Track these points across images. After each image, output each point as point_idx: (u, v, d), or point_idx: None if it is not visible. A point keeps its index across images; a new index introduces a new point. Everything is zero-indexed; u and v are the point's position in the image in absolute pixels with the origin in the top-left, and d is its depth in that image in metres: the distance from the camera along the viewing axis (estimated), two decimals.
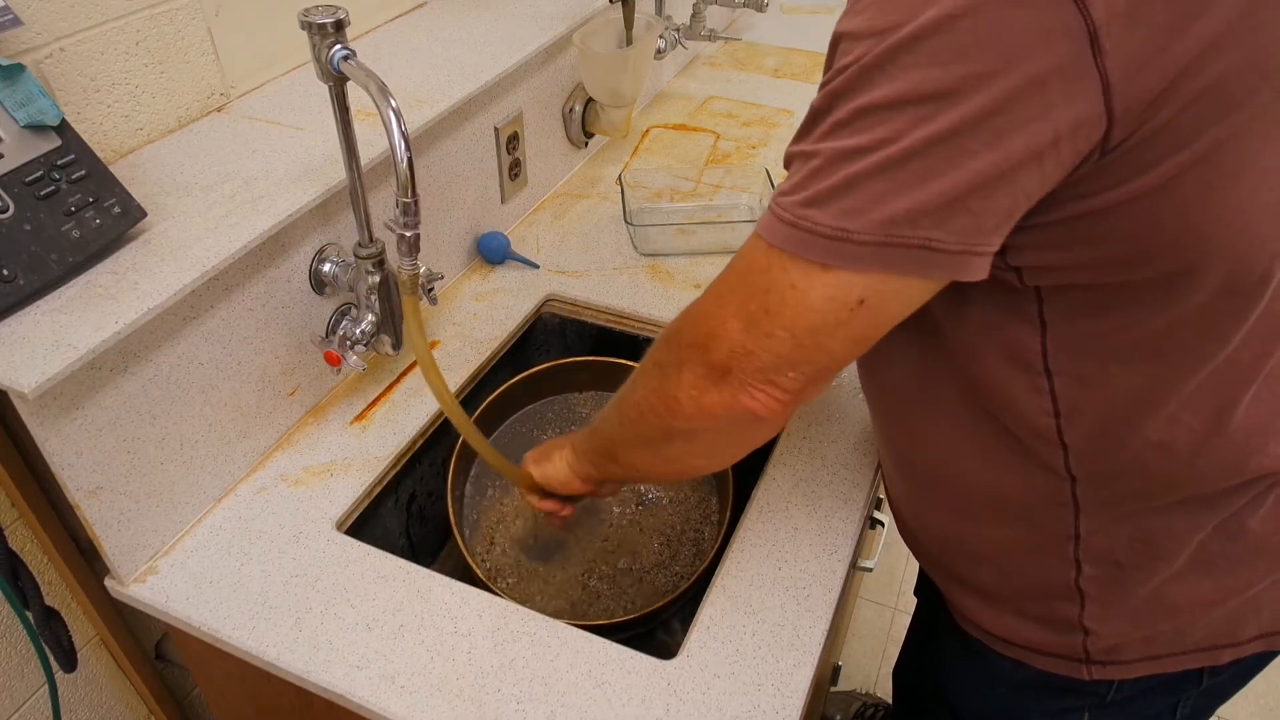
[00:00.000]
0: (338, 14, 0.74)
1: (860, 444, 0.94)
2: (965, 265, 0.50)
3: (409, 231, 0.77)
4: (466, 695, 0.72)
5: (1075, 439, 0.62)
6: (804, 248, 0.51)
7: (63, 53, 0.82)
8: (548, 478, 0.83)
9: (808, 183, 0.51)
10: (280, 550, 0.83)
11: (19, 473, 0.78)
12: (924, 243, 0.48)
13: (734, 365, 0.56)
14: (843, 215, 0.49)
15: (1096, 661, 0.71)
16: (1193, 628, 0.69)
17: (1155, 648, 0.70)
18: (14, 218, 0.71)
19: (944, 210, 0.48)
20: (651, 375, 0.65)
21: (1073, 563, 0.68)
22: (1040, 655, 0.74)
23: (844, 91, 0.49)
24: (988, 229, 0.49)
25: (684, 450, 0.67)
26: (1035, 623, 0.73)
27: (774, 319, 0.54)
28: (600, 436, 0.76)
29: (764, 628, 0.77)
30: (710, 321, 0.57)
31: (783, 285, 0.53)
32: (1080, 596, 0.69)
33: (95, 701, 0.95)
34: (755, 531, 0.85)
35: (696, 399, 0.59)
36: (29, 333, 0.69)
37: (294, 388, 0.94)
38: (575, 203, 1.35)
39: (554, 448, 0.83)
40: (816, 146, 0.51)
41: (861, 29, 0.49)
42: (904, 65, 0.46)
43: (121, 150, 0.90)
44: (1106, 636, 0.70)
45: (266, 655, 0.75)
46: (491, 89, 1.11)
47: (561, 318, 1.17)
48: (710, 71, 1.75)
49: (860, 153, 0.48)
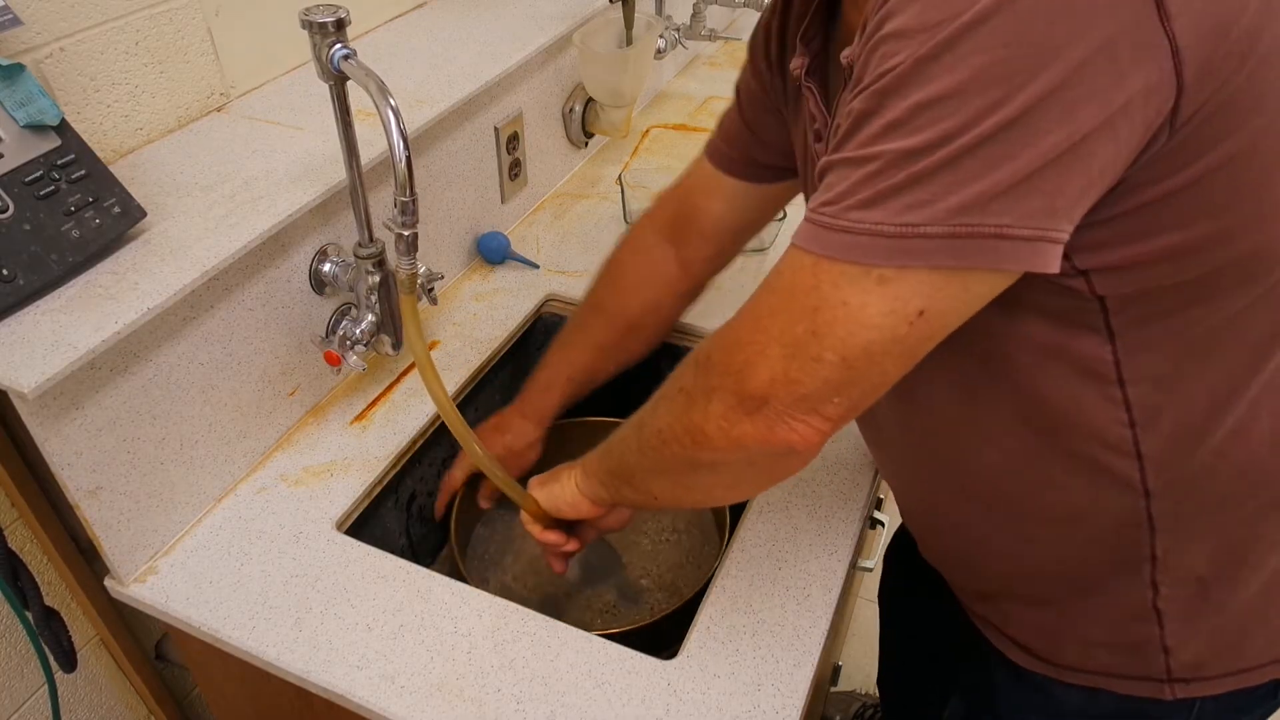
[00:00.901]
0: (338, 13, 0.74)
1: (860, 444, 0.94)
2: (1038, 254, 0.47)
3: (407, 231, 0.77)
4: (466, 695, 0.72)
5: (1152, 447, 0.59)
6: (865, 253, 0.47)
7: (63, 53, 0.82)
8: (554, 500, 0.79)
9: (862, 188, 0.47)
10: (280, 550, 0.83)
11: (19, 473, 0.78)
12: (996, 230, 0.45)
13: (772, 395, 0.53)
14: (906, 210, 0.46)
15: (1179, 679, 0.67)
16: (1278, 635, 0.66)
17: (1243, 660, 0.67)
18: (14, 218, 0.71)
19: (1017, 191, 0.45)
20: (676, 402, 0.61)
21: (1149, 585, 0.64)
22: (1117, 679, 0.69)
23: (896, 89, 0.46)
24: (1061, 210, 0.46)
25: (708, 482, 0.63)
26: (1109, 648, 0.68)
27: (822, 341, 0.50)
28: (615, 459, 0.72)
29: (764, 628, 0.77)
30: (747, 349, 0.54)
31: (833, 302, 0.49)
32: (1159, 616, 0.65)
33: (95, 701, 0.95)
34: (755, 531, 0.85)
35: (726, 430, 0.56)
36: (29, 333, 0.69)
37: (294, 388, 0.94)
38: (575, 203, 1.35)
39: (562, 469, 0.80)
40: (869, 150, 0.47)
41: (910, 26, 0.46)
42: (963, 53, 0.44)
43: (121, 150, 0.90)
44: (1190, 652, 0.66)
45: (266, 655, 0.75)
46: (491, 89, 1.11)
47: (562, 318, 1.17)
48: (710, 71, 1.75)
49: (924, 150, 0.45)
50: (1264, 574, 0.64)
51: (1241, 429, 0.59)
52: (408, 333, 0.81)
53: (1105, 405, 0.58)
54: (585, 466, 0.77)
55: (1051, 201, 0.46)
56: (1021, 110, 0.44)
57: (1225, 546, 0.63)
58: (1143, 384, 0.57)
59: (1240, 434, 0.59)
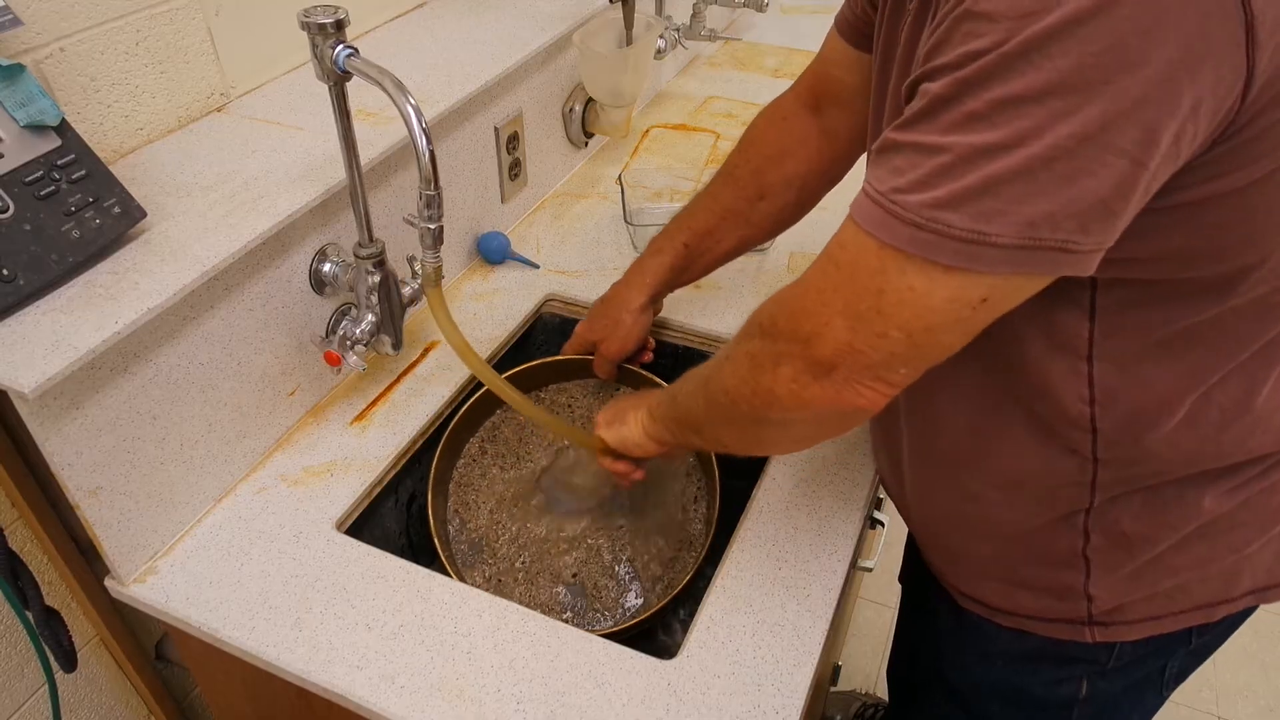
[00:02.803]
0: (338, 13, 0.75)
1: (861, 444, 0.94)
2: (1090, 262, 0.48)
3: (433, 224, 0.77)
4: (466, 695, 0.72)
5: (1108, 425, 0.62)
6: (932, 250, 0.48)
7: (63, 53, 0.82)
8: (623, 440, 0.81)
9: (935, 181, 0.47)
10: (280, 550, 0.83)
11: (19, 473, 0.78)
12: (1062, 245, 0.46)
13: (840, 363, 0.55)
14: (979, 218, 0.46)
15: (1099, 623, 0.72)
16: (1191, 586, 0.70)
17: (1156, 607, 0.71)
18: (14, 218, 0.71)
19: (1089, 213, 0.45)
20: (742, 365, 0.63)
21: (1081, 533, 0.68)
22: (1042, 622, 0.74)
23: (979, 80, 0.45)
24: (1120, 226, 0.47)
25: (776, 434, 0.66)
26: (1038, 592, 0.73)
27: (888, 320, 0.52)
28: (682, 409, 0.74)
29: (764, 628, 0.77)
30: (813, 319, 0.55)
31: (899, 287, 0.50)
32: (1086, 564, 0.70)
33: (95, 701, 0.95)
34: (755, 531, 0.85)
35: (797, 393, 0.58)
36: (29, 333, 0.69)
37: (294, 388, 0.94)
38: (575, 203, 1.35)
39: (628, 408, 0.82)
40: (944, 139, 0.47)
41: (1000, 9, 0.44)
42: (1052, 54, 0.43)
43: (121, 150, 0.90)
44: (1109, 599, 0.71)
45: (266, 655, 0.75)
46: (491, 89, 1.11)
47: (562, 318, 1.17)
48: (710, 71, 1.75)
49: (999, 150, 0.45)
50: (1183, 533, 0.68)
51: (1192, 419, 0.61)
52: (441, 324, 0.81)
53: (1070, 379, 0.61)
54: (652, 411, 0.79)
55: (1117, 221, 0.47)
56: (1099, 124, 0.43)
57: (1151, 508, 0.66)
58: (1108, 364, 0.59)
59: (1191, 423, 0.62)
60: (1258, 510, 0.68)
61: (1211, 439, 0.63)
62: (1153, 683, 0.78)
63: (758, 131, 0.92)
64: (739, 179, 0.92)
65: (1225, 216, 0.51)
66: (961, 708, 0.88)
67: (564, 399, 1.09)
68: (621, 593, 0.95)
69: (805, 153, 0.89)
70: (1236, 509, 0.67)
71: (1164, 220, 0.51)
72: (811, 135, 0.89)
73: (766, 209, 0.91)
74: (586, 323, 1.02)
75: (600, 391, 1.08)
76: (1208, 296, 0.56)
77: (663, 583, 0.95)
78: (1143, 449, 0.63)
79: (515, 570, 0.96)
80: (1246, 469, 0.66)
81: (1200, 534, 0.68)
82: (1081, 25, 0.42)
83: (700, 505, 1.00)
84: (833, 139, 0.89)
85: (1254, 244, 0.53)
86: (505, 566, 0.96)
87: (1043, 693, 0.79)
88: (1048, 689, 0.79)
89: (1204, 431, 0.62)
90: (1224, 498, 0.67)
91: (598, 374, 1.03)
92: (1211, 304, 0.56)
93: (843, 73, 0.85)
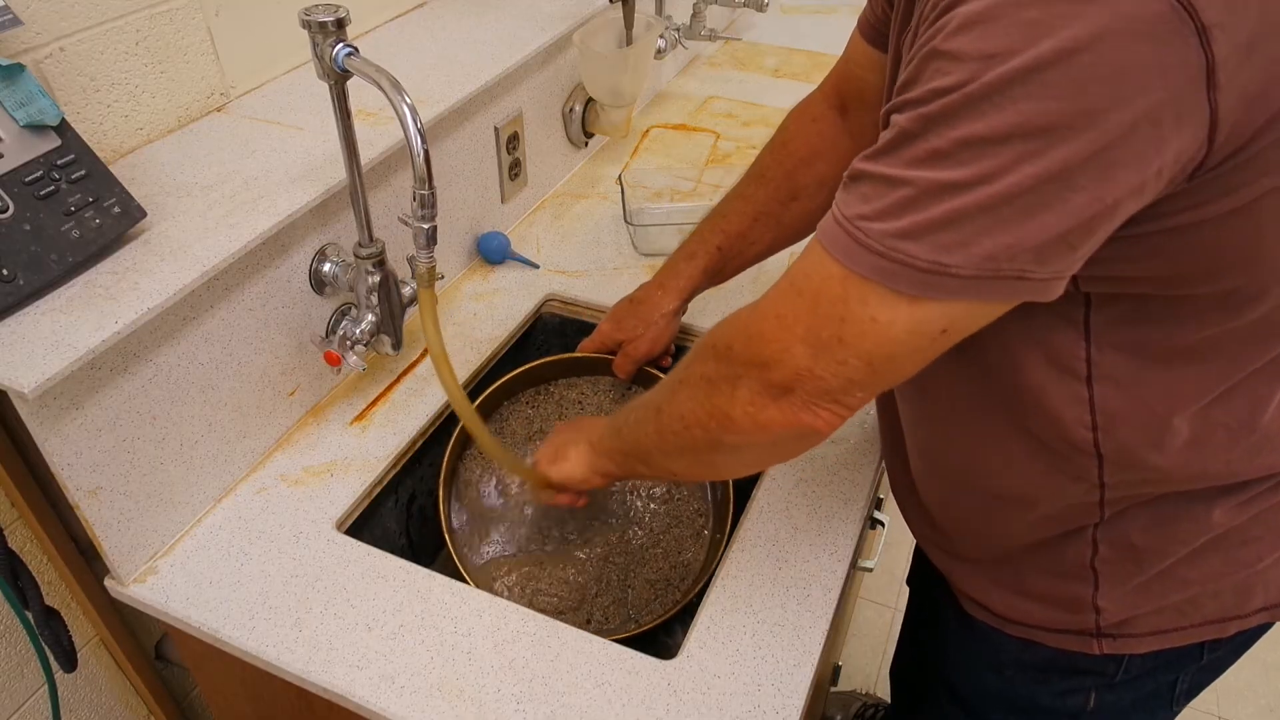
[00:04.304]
0: (339, 12, 0.74)
1: (860, 444, 0.94)
2: (1050, 289, 0.49)
3: (427, 224, 0.77)
4: (466, 695, 0.72)
5: (1111, 449, 0.62)
6: (893, 279, 0.49)
7: (63, 53, 0.82)
8: (567, 477, 0.82)
9: (898, 212, 0.48)
10: (280, 550, 0.83)
11: (19, 473, 0.78)
12: (1019, 274, 0.48)
13: (797, 386, 0.56)
14: (940, 249, 0.47)
15: (1107, 635, 0.71)
16: (1202, 601, 0.70)
17: (1166, 621, 0.71)
18: (14, 218, 0.71)
19: (1046, 246, 0.47)
20: (698, 388, 0.63)
21: (1090, 544, 0.69)
22: (1050, 633, 0.74)
23: (943, 118, 0.46)
24: (1079, 258, 0.49)
25: (728, 460, 0.66)
26: (1046, 602, 0.73)
27: (849, 348, 0.53)
28: (629, 441, 0.74)
29: (764, 628, 0.77)
30: (772, 345, 0.56)
31: (861, 317, 0.51)
32: (1095, 576, 0.70)
33: (95, 701, 0.95)
34: (755, 531, 0.85)
35: (754, 415, 0.59)
36: (29, 333, 0.69)
37: (294, 388, 0.94)
38: (575, 203, 1.35)
39: (567, 444, 0.82)
40: (907, 174, 0.48)
41: (966, 50, 0.45)
42: (1015, 97, 0.44)
43: (121, 150, 0.90)
44: (1118, 612, 0.70)
45: (266, 655, 0.75)
46: (491, 89, 1.11)
47: (562, 318, 1.17)
48: (710, 71, 1.75)
49: (962, 187, 0.46)
50: (1193, 546, 0.68)
51: (1197, 440, 0.62)
52: (426, 326, 0.80)
53: (1071, 404, 0.61)
54: (595, 445, 0.79)
55: (1075, 253, 0.48)
56: (1061, 166, 0.44)
57: (1160, 519, 0.67)
58: (1108, 385, 0.60)
59: (1195, 444, 0.62)
60: (1270, 525, 0.68)
61: (1217, 458, 0.63)
62: (1163, 698, 0.77)
63: (789, 133, 0.92)
64: (772, 180, 0.92)
65: (1213, 240, 0.51)
66: (967, 713, 0.88)
67: (574, 394, 1.09)
68: (626, 598, 0.95)
69: (835, 154, 0.89)
70: (1248, 523, 0.67)
71: (1149, 244, 0.51)
72: (840, 137, 0.89)
73: (799, 210, 0.91)
74: (613, 322, 1.01)
75: (611, 390, 1.08)
76: (1207, 314, 0.56)
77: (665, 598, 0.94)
78: (1150, 469, 0.63)
79: (521, 568, 0.96)
80: (1255, 485, 0.66)
81: (1211, 547, 0.68)
82: (1043, 71, 0.43)
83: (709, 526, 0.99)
84: (859, 140, 0.89)
85: (1245, 269, 0.53)
86: (511, 565, 0.96)
87: (1050, 703, 0.79)
88: (1055, 700, 0.78)
89: (1210, 451, 0.62)
90: (1234, 511, 0.67)
91: (617, 373, 1.02)
92: (1211, 322, 0.56)
93: (866, 73, 0.85)
